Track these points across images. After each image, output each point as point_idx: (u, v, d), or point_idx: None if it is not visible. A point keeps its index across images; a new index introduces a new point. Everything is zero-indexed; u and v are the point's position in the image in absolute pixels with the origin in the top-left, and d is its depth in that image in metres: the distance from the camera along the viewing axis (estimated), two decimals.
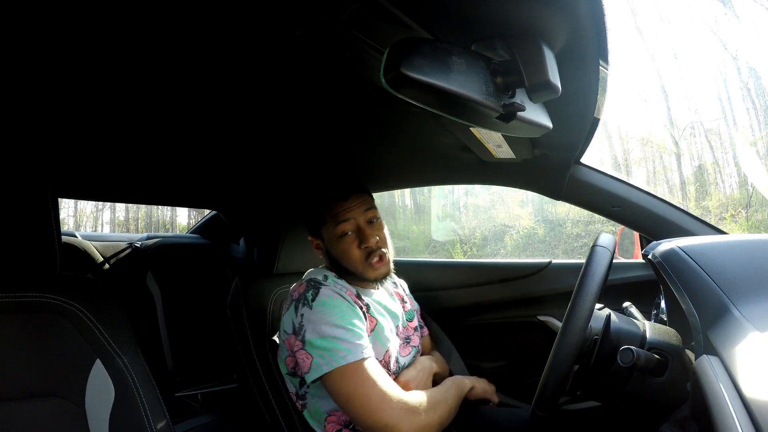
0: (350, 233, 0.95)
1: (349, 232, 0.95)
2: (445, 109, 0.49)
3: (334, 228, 0.95)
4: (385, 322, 0.97)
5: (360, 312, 0.90)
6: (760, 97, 7.39)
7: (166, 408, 0.78)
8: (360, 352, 0.82)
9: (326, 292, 0.89)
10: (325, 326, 0.83)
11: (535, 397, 0.68)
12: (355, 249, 0.94)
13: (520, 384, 1.40)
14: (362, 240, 0.94)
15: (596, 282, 0.68)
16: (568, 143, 0.96)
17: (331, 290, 0.90)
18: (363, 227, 0.95)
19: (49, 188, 0.75)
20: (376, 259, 0.94)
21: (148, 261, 1.94)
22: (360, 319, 0.88)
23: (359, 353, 0.81)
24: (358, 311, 0.90)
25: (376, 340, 0.92)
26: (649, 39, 9.73)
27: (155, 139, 1.03)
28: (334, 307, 0.86)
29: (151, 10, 0.51)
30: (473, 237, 8.30)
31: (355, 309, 0.89)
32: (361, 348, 0.82)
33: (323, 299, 0.87)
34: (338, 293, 0.90)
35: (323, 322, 0.84)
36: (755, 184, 3.37)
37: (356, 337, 0.83)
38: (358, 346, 0.82)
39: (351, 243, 0.95)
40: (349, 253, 0.95)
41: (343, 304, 0.88)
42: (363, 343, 0.83)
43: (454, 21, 0.50)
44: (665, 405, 0.65)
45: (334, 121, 0.96)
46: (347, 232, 0.95)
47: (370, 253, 0.94)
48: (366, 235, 0.94)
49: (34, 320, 0.71)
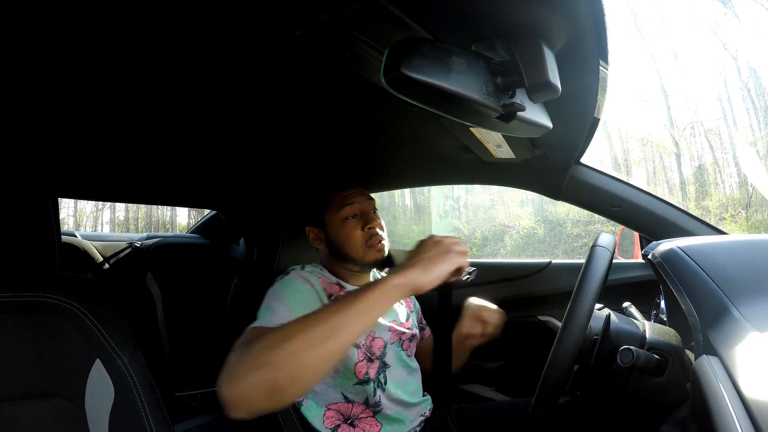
0: (355, 216, 0.99)
1: (354, 215, 0.99)
2: (445, 109, 0.49)
3: (339, 211, 0.99)
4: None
5: (317, 298, 0.90)
6: (760, 97, 7.39)
7: (166, 408, 0.78)
8: (257, 323, 0.75)
9: (293, 275, 0.92)
10: (271, 298, 0.85)
11: (535, 397, 0.68)
12: (359, 231, 0.98)
13: (520, 384, 1.40)
14: (366, 222, 0.99)
15: (596, 282, 0.68)
16: (568, 143, 0.96)
17: (299, 275, 0.93)
18: (367, 212, 1.01)
19: (49, 188, 0.75)
20: (377, 242, 0.98)
21: (148, 261, 1.93)
22: (309, 303, 0.86)
23: (266, 321, 0.76)
24: (313, 297, 0.89)
25: None
26: (649, 39, 9.73)
27: (155, 139, 1.03)
28: (290, 285, 0.89)
29: (150, 10, 0.51)
30: (473, 237, 8.30)
31: (312, 294, 0.90)
32: (275, 317, 0.77)
33: (285, 280, 0.91)
34: (306, 279, 0.92)
35: (272, 294, 0.86)
36: (755, 184, 3.37)
37: (283, 308, 0.80)
38: (276, 315, 0.78)
39: (355, 226, 0.99)
40: (352, 236, 0.98)
41: (302, 287, 0.89)
42: (284, 318, 0.77)
43: (454, 21, 0.50)
44: (665, 405, 0.65)
45: (334, 122, 0.96)
46: (353, 214, 0.99)
47: (372, 236, 0.98)
48: (370, 218, 1.00)
49: (34, 320, 0.71)
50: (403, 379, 1.02)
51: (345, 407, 0.93)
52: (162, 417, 0.77)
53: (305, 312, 0.65)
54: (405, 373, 1.04)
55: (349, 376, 0.93)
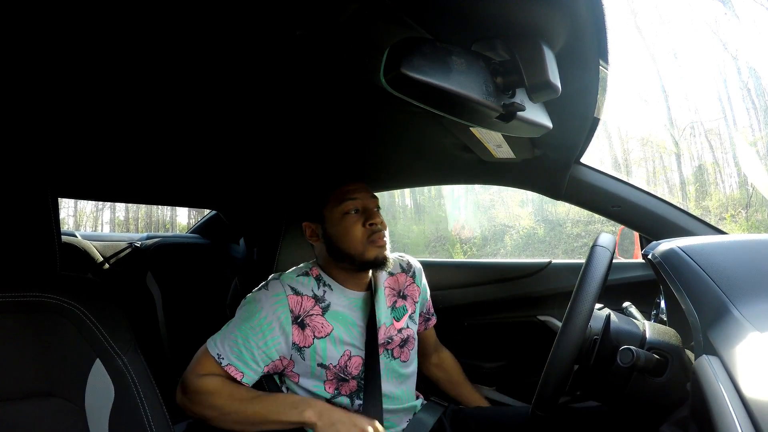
0: (356, 211, 0.95)
1: (355, 210, 0.95)
2: (445, 109, 0.49)
3: (339, 205, 0.95)
4: (343, 329, 0.95)
5: (277, 327, 0.89)
6: (760, 97, 7.39)
7: (166, 408, 0.78)
8: (216, 349, 0.89)
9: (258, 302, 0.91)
10: (233, 322, 0.92)
11: (535, 397, 0.69)
12: (359, 227, 0.94)
13: (520, 384, 1.40)
14: (368, 218, 0.94)
15: (596, 282, 0.68)
16: (568, 143, 0.96)
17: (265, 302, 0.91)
18: (369, 207, 0.96)
19: (49, 188, 0.75)
20: (380, 239, 0.94)
21: (148, 261, 1.93)
22: (262, 338, 0.89)
23: (215, 349, 0.89)
24: (270, 329, 0.89)
25: (330, 344, 0.93)
26: (649, 39, 9.73)
27: (155, 139, 1.03)
28: (250, 317, 0.90)
29: (151, 10, 0.51)
30: (473, 237, 8.30)
31: (270, 327, 0.89)
32: (222, 348, 0.88)
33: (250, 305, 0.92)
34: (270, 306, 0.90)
35: (236, 317, 0.92)
36: (755, 184, 3.37)
37: (233, 340, 0.89)
38: (224, 345, 0.89)
39: (356, 221, 0.94)
40: (352, 231, 0.93)
41: (260, 319, 0.89)
42: (227, 349, 0.88)
43: (454, 21, 0.50)
44: (665, 405, 0.65)
45: (334, 122, 0.96)
46: (354, 209, 0.95)
47: (374, 232, 0.94)
48: (372, 213, 0.95)
49: (34, 320, 0.71)
50: (389, 392, 0.98)
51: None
52: (162, 417, 0.77)
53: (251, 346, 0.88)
54: (394, 384, 1.00)
55: (321, 391, 0.93)
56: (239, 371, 0.87)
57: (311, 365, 0.92)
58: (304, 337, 0.91)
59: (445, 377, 1.19)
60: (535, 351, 1.34)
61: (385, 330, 1.00)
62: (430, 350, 1.21)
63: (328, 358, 0.92)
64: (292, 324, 0.90)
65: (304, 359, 0.91)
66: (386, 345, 1.00)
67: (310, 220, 1.00)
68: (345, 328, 0.95)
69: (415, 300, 1.10)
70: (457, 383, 1.18)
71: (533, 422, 0.97)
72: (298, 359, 0.91)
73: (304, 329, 0.91)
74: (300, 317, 0.91)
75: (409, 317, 1.06)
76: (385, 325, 1.00)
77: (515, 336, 1.45)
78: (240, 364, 0.87)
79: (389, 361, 1.00)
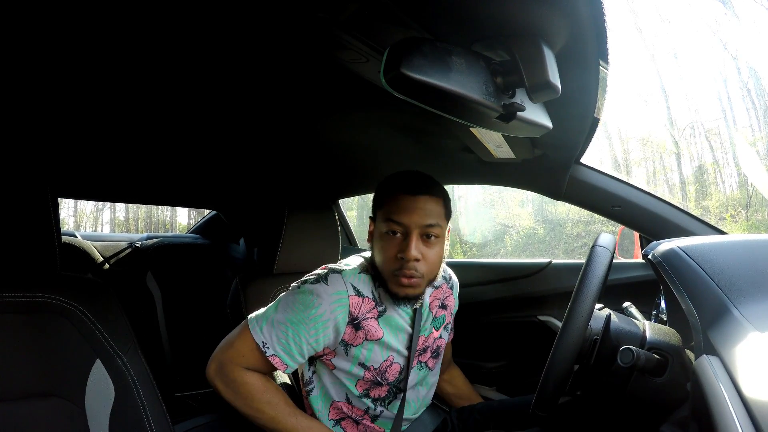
0: (397, 234, 0.84)
1: (396, 232, 0.84)
2: (445, 109, 0.49)
3: (384, 222, 0.84)
4: (392, 335, 0.91)
5: (331, 328, 0.84)
6: (760, 97, 7.39)
7: (166, 408, 0.79)
8: (261, 336, 0.83)
9: (319, 297, 0.84)
10: (281, 307, 0.85)
11: (535, 397, 0.68)
12: (392, 254, 0.83)
13: (520, 384, 1.40)
14: (402, 248, 0.82)
15: (596, 282, 0.68)
16: (568, 143, 0.96)
17: (325, 299, 0.84)
18: (412, 236, 0.82)
19: (49, 188, 0.75)
20: (404, 276, 0.82)
21: (148, 261, 1.94)
22: (318, 334, 0.84)
23: (260, 336, 0.83)
24: (323, 329, 0.84)
25: (378, 347, 0.89)
26: (649, 39, 9.73)
27: (155, 140, 1.03)
28: (305, 308, 0.83)
29: (150, 13, 0.51)
30: (473, 237, 8.30)
31: (324, 326, 0.84)
32: (268, 337, 0.83)
33: (308, 296, 0.84)
34: (329, 304, 0.84)
35: (285, 302, 0.85)
36: (755, 184, 3.37)
37: (281, 330, 0.83)
38: (270, 334, 0.83)
39: (391, 246, 0.84)
40: (383, 256, 0.85)
41: (316, 317, 0.83)
42: (274, 339, 0.83)
43: (454, 21, 0.50)
44: (665, 405, 0.65)
45: (334, 122, 0.96)
46: (395, 232, 0.84)
47: (402, 267, 0.82)
48: (409, 246, 0.81)
49: (34, 320, 0.71)
50: (414, 400, 0.98)
51: (347, 407, 0.94)
52: (162, 417, 0.77)
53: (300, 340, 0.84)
54: (422, 392, 1.01)
55: (351, 387, 0.92)
56: (283, 363, 0.83)
57: (353, 362, 0.89)
58: (356, 337, 0.87)
59: (454, 392, 1.19)
60: (536, 351, 1.34)
61: (423, 340, 0.97)
62: (444, 366, 1.18)
63: (371, 361, 0.89)
64: (348, 324, 0.85)
65: (348, 355, 0.89)
66: (421, 355, 0.97)
67: (372, 218, 0.92)
68: (393, 334, 0.91)
69: (451, 311, 1.08)
70: (466, 398, 1.18)
71: (533, 422, 0.97)
72: (342, 353, 0.89)
73: (357, 330, 0.87)
74: (357, 319, 0.86)
75: (445, 327, 1.05)
76: (424, 336, 0.97)
77: (515, 336, 1.45)
78: (285, 357, 0.83)
79: (422, 372, 0.99)
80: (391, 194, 0.85)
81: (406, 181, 0.85)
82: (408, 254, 0.81)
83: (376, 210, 0.89)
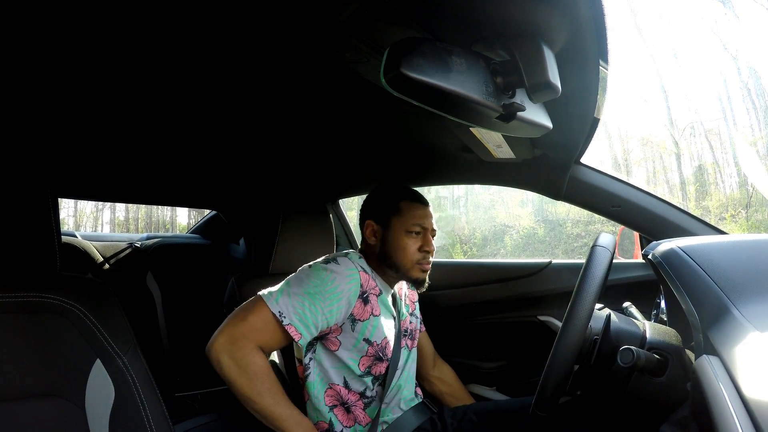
0: (418, 233, 1.04)
1: (418, 232, 1.04)
2: (445, 109, 0.49)
3: (408, 222, 1.03)
4: (384, 316, 1.03)
5: (345, 301, 0.94)
6: (760, 97, 7.39)
7: (166, 408, 0.78)
8: (277, 306, 0.89)
9: (337, 272, 0.95)
10: (297, 280, 0.94)
11: (535, 397, 0.68)
12: (415, 248, 1.03)
13: (520, 384, 1.40)
14: (425, 243, 1.04)
15: (596, 282, 0.68)
16: (568, 143, 0.96)
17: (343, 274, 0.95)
18: (429, 235, 1.05)
19: (49, 188, 0.75)
20: (427, 263, 1.04)
21: (148, 261, 1.93)
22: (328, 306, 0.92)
23: (276, 306, 0.89)
24: (337, 300, 0.93)
25: (380, 323, 1.00)
26: (649, 39, 9.73)
27: (155, 140, 1.04)
28: (323, 282, 0.93)
29: (150, 13, 0.51)
30: (473, 237, 8.30)
31: (339, 298, 0.93)
32: (285, 307, 0.89)
33: (324, 272, 0.95)
34: (346, 279, 0.95)
35: (300, 277, 0.95)
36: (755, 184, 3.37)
37: (298, 300, 0.90)
38: (287, 305, 0.89)
39: (414, 242, 1.03)
40: (408, 250, 1.02)
41: (333, 289, 0.93)
42: (291, 309, 0.89)
43: (454, 21, 0.50)
44: (665, 405, 0.65)
45: (334, 121, 0.96)
46: (418, 231, 1.03)
47: (425, 257, 1.03)
48: (429, 241, 1.04)
49: (34, 320, 0.71)
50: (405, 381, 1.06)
51: (343, 391, 0.98)
52: (162, 417, 0.77)
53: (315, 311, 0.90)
54: (411, 371, 1.09)
55: (354, 367, 0.97)
56: (298, 332, 0.89)
57: (358, 338, 0.97)
58: (363, 311, 0.98)
59: (448, 391, 1.23)
60: (535, 351, 1.34)
61: (404, 323, 1.10)
62: (429, 361, 1.25)
63: (374, 336, 0.99)
64: (358, 298, 0.96)
65: (354, 331, 0.97)
66: (405, 335, 1.09)
67: (374, 221, 1.07)
68: (385, 316, 1.04)
69: (413, 300, 1.20)
70: (460, 398, 1.21)
71: (534, 422, 0.97)
72: (348, 329, 0.97)
73: (366, 305, 0.98)
74: (366, 293, 0.98)
75: (413, 314, 1.17)
76: (402, 319, 1.10)
77: (515, 336, 1.45)
78: (301, 326, 0.89)
79: (406, 352, 1.08)
80: (410, 203, 1.05)
81: (415, 195, 1.07)
82: (430, 248, 1.04)
83: (390, 216, 1.05)
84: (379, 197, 1.09)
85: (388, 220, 1.05)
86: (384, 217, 1.05)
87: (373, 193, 1.11)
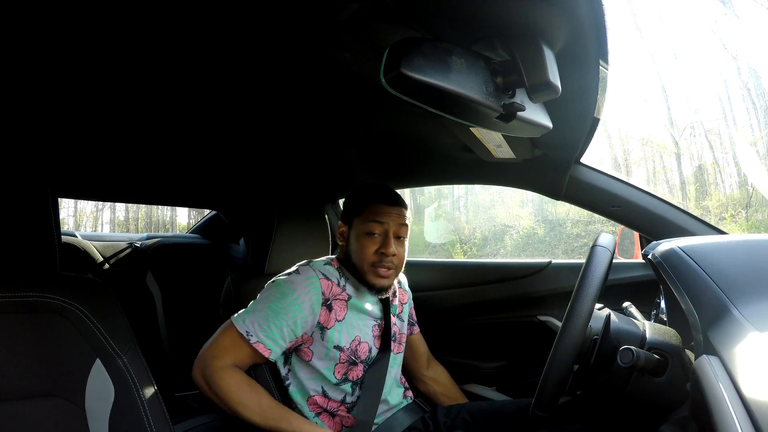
0: (376, 235, 0.98)
1: (376, 233, 0.98)
2: (445, 108, 0.49)
3: (366, 223, 0.98)
4: (356, 318, 1.01)
5: (308, 308, 0.93)
6: (760, 97, 7.39)
7: (166, 408, 0.78)
8: (244, 326, 0.91)
9: (291, 282, 0.95)
10: (260, 299, 0.95)
11: (535, 397, 0.68)
12: (372, 250, 0.98)
13: (520, 384, 1.40)
14: (383, 245, 0.98)
15: (596, 282, 0.68)
16: (568, 143, 0.96)
17: (298, 282, 0.94)
18: (390, 237, 0.98)
19: (49, 188, 0.75)
20: (384, 268, 0.97)
21: (148, 261, 1.93)
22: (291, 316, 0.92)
23: (243, 326, 0.91)
24: (300, 309, 0.92)
25: (345, 328, 0.98)
26: (649, 39, 9.73)
27: (155, 140, 1.04)
28: (281, 295, 0.93)
29: (150, 13, 0.51)
30: (473, 237, 8.30)
31: (300, 307, 0.92)
32: (251, 326, 0.91)
33: (281, 283, 0.95)
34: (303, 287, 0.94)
35: (264, 294, 0.95)
36: (755, 184, 3.36)
37: (262, 317, 0.91)
38: (252, 323, 0.91)
39: (372, 243, 0.98)
40: (364, 252, 0.98)
41: (292, 299, 0.92)
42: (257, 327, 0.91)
43: (454, 21, 0.50)
44: (665, 405, 0.65)
45: (334, 121, 0.96)
46: (375, 233, 0.98)
47: (381, 260, 0.97)
48: (389, 243, 0.98)
49: (34, 320, 0.71)
50: (388, 387, 1.03)
51: (322, 400, 0.98)
52: (162, 417, 0.77)
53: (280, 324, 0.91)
54: (393, 372, 1.06)
55: (329, 376, 0.97)
56: (267, 348, 0.90)
57: (328, 346, 0.96)
58: (329, 319, 0.96)
59: (442, 391, 1.21)
60: (535, 351, 1.34)
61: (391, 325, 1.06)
62: (423, 362, 1.24)
63: (342, 341, 0.97)
64: (322, 305, 0.95)
65: (323, 339, 0.96)
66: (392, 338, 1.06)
67: (343, 222, 1.05)
68: (358, 317, 1.01)
69: (403, 302, 1.16)
70: (454, 398, 1.20)
71: (534, 422, 0.97)
72: (318, 338, 0.96)
73: (330, 311, 0.96)
74: (329, 300, 0.97)
75: (400, 317, 1.14)
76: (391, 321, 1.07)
77: (515, 336, 1.45)
78: (269, 342, 0.90)
79: (392, 353, 1.05)
80: (372, 202, 1.00)
81: (383, 194, 1.01)
82: (387, 250, 0.97)
83: (353, 217, 1.02)
84: (348, 197, 1.06)
85: (351, 220, 1.02)
86: (349, 218, 1.03)
87: (347, 194, 1.08)
